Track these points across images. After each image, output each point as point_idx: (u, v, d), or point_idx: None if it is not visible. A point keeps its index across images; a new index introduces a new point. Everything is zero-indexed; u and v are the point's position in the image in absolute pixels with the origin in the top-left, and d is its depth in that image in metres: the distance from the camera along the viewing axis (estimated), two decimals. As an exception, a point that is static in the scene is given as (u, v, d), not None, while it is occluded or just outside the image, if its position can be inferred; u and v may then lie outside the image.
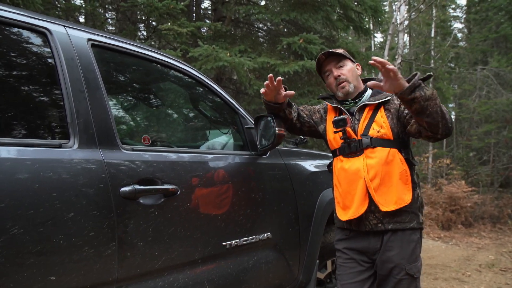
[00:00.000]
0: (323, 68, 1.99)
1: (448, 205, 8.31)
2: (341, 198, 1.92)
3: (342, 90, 1.93)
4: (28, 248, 1.26)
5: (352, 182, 1.85)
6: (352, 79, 1.94)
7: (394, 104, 1.90)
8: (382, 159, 1.81)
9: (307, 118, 2.11)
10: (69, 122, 1.47)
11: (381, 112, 1.89)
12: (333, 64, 1.95)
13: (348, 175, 1.87)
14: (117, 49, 1.81)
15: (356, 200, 1.83)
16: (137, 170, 1.60)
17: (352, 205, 1.85)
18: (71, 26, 1.66)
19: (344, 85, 1.92)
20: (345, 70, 1.93)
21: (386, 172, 1.80)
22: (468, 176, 10.83)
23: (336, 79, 1.93)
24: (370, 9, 6.29)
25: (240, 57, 4.90)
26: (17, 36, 1.51)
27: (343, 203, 1.90)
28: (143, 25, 7.56)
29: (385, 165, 1.80)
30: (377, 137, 1.84)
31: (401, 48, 10.05)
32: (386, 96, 1.90)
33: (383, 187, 1.80)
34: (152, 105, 2.41)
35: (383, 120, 1.86)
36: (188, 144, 2.44)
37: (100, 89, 1.60)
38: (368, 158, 1.83)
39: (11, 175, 1.25)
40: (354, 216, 1.83)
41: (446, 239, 7.18)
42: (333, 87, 1.97)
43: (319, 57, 1.98)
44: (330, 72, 1.96)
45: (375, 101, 1.90)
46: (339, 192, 1.93)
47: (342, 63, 1.94)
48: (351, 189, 1.86)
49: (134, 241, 1.54)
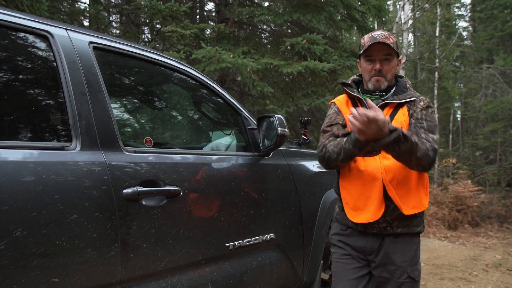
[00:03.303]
0: (368, 50, 1.77)
1: (455, 205, 8.25)
2: (351, 199, 1.79)
3: (375, 84, 1.80)
4: (31, 250, 1.26)
5: (367, 184, 1.73)
6: (390, 78, 1.82)
7: (416, 106, 1.80)
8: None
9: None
10: (71, 125, 1.48)
11: (403, 110, 1.78)
12: (381, 52, 1.77)
13: (363, 176, 1.74)
14: (119, 51, 1.82)
15: (371, 203, 1.72)
16: (139, 172, 1.60)
17: (367, 208, 1.73)
18: (72, 29, 1.67)
19: (380, 81, 1.79)
20: (389, 67, 1.79)
21: (404, 174, 1.70)
22: (475, 176, 10.75)
23: (376, 70, 1.78)
24: (374, 8, 6.27)
25: (243, 58, 4.91)
26: (19, 39, 1.52)
27: (354, 205, 1.78)
28: (147, 27, 7.59)
29: (403, 167, 1.69)
30: None
31: (405, 48, 10.01)
32: (411, 96, 1.80)
33: (402, 190, 1.71)
34: (155, 107, 2.42)
35: (404, 118, 1.76)
36: (190, 145, 2.44)
37: (102, 92, 1.61)
38: (385, 159, 1.71)
39: (14, 178, 1.26)
40: (371, 220, 1.72)
41: (453, 239, 7.13)
42: (367, 75, 1.82)
43: (370, 38, 1.78)
44: (373, 59, 1.78)
45: (399, 100, 1.79)
46: (350, 193, 1.80)
47: (390, 57, 1.78)
48: (365, 190, 1.74)
49: (137, 243, 1.55)
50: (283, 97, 6.19)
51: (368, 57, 1.79)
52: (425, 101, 1.82)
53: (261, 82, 5.28)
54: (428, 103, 1.82)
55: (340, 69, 5.91)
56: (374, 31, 1.82)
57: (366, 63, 1.81)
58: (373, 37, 1.76)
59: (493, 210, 8.73)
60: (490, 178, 11.06)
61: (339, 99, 1.94)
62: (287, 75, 6.35)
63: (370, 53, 1.77)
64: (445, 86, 13.04)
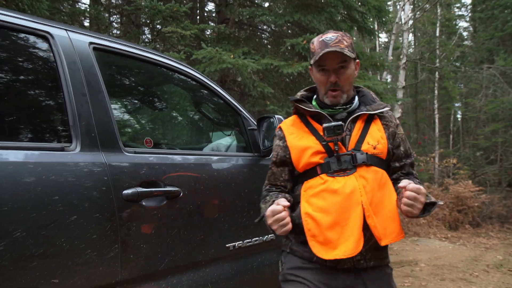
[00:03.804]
0: (321, 60, 1.49)
1: (455, 205, 8.25)
2: (321, 231, 1.43)
3: (332, 100, 1.54)
4: (31, 251, 1.26)
5: (345, 209, 1.42)
6: (348, 88, 1.56)
7: (391, 122, 1.60)
8: (376, 182, 1.46)
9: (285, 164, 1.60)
10: (71, 125, 1.48)
11: (378, 125, 1.56)
12: (335, 61, 1.49)
13: (339, 201, 1.42)
14: (119, 52, 1.82)
15: (351, 234, 1.41)
16: (139, 173, 1.60)
17: (343, 240, 1.41)
18: (72, 30, 1.67)
19: (337, 95, 1.53)
20: (345, 76, 1.51)
21: (380, 197, 1.46)
22: (475, 176, 10.75)
23: (331, 83, 1.51)
24: (374, 9, 6.27)
25: (243, 59, 4.91)
26: (20, 40, 1.52)
27: (325, 238, 1.42)
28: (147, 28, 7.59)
29: (379, 189, 1.46)
30: (372, 154, 1.49)
31: (405, 48, 10.01)
32: (384, 106, 1.58)
33: (380, 216, 1.44)
34: (155, 108, 2.42)
35: (381, 135, 1.53)
36: (191, 146, 2.44)
37: (102, 92, 1.61)
38: (361, 178, 1.45)
39: (14, 179, 1.26)
40: (349, 255, 1.40)
41: (453, 239, 7.13)
42: (322, 88, 1.55)
43: (320, 44, 1.50)
44: (326, 69, 1.51)
45: (373, 111, 1.55)
46: (319, 224, 1.43)
47: (345, 64, 1.50)
48: (342, 219, 1.42)
49: (137, 244, 1.55)
50: (284, 97, 6.19)
51: (321, 67, 1.51)
52: (394, 116, 1.64)
53: (262, 83, 5.28)
54: (395, 117, 1.65)
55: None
56: (324, 33, 1.54)
57: (319, 73, 1.53)
58: (323, 42, 1.49)
59: (494, 211, 8.73)
60: (491, 179, 11.04)
61: (287, 122, 1.64)
62: (288, 76, 6.35)
63: (323, 62, 1.50)
64: (445, 86, 13.05)
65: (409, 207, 1.34)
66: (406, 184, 1.34)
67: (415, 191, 1.32)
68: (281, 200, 1.43)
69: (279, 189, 1.61)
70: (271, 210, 1.39)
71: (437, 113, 14.09)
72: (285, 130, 1.60)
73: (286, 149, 1.57)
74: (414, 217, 1.40)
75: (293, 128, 1.60)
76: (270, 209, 1.40)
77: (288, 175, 1.60)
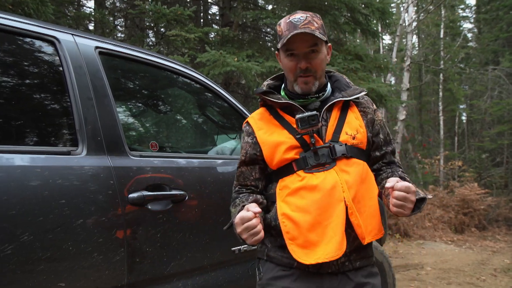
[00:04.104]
0: (289, 43, 1.32)
1: (461, 208, 8.20)
2: (300, 232, 1.29)
3: (303, 87, 1.37)
4: (38, 255, 1.27)
5: (326, 208, 1.28)
6: (321, 74, 1.39)
7: (369, 108, 1.46)
8: (358, 175, 1.34)
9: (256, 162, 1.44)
10: (78, 129, 1.49)
11: (355, 113, 1.42)
12: (305, 44, 1.32)
13: (319, 198, 1.29)
14: (124, 56, 1.83)
15: (333, 234, 1.27)
16: (145, 176, 1.60)
17: (325, 241, 1.27)
18: (79, 34, 1.68)
19: (309, 81, 1.36)
20: (317, 61, 1.35)
21: (363, 192, 1.34)
22: (481, 178, 10.69)
23: (301, 68, 1.34)
24: (377, 11, 6.26)
25: (247, 61, 4.91)
26: (26, 45, 1.54)
27: (305, 240, 1.29)
28: (152, 31, 7.62)
29: (361, 183, 1.34)
30: (351, 145, 1.35)
31: (409, 50, 9.98)
32: (360, 91, 1.44)
33: (363, 213, 1.32)
34: (160, 111, 2.43)
35: (359, 123, 1.40)
36: (196, 149, 2.44)
37: (108, 96, 1.62)
38: (343, 173, 1.32)
39: (21, 182, 1.26)
40: (333, 258, 1.27)
41: (460, 243, 7.08)
42: (291, 74, 1.38)
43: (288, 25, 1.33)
44: (296, 54, 1.34)
45: (349, 97, 1.40)
46: (298, 225, 1.30)
47: (316, 48, 1.33)
48: (323, 218, 1.28)
49: (143, 247, 1.55)
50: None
51: (289, 51, 1.34)
52: (370, 101, 1.51)
53: (266, 86, 5.27)
54: (372, 102, 1.51)
55: (345, 72, 5.90)
56: (292, 14, 1.37)
57: (287, 58, 1.36)
58: (291, 23, 1.32)
59: (500, 213, 8.66)
60: (497, 181, 10.97)
61: (255, 116, 1.48)
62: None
63: (291, 46, 1.33)
64: (450, 88, 12.99)
65: (400, 208, 1.22)
66: (393, 183, 1.21)
67: (404, 190, 1.20)
68: (251, 206, 1.26)
69: (250, 189, 1.45)
70: (240, 217, 1.23)
71: (441, 115, 14.04)
72: (254, 125, 1.44)
73: (256, 146, 1.41)
74: (405, 216, 1.28)
75: (262, 123, 1.44)
76: (238, 216, 1.24)
77: (259, 173, 1.44)
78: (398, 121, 9.88)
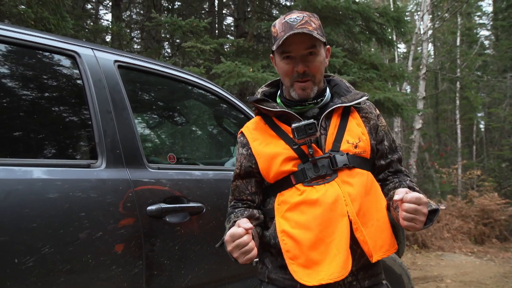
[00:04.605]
0: (284, 45, 1.23)
1: (481, 218, 8.02)
2: (301, 251, 1.19)
3: (301, 93, 1.28)
4: (59, 267, 1.28)
5: (329, 223, 1.18)
6: (319, 79, 1.30)
7: (371, 113, 1.37)
8: (362, 186, 1.24)
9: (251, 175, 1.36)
10: (97, 142, 1.51)
11: (356, 119, 1.32)
12: (302, 46, 1.23)
13: (320, 213, 1.19)
14: (142, 69, 1.85)
15: (337, 252, 1.17)
16: (163, 189, 1.61)
17: (329, 260, 1.17)
18: (98, 48, 1.71)
19: (307, 87, 1.27)
20: (316, 64, 1.26)
21: (368, 205, 1.23)
22: (501, 188, 10.45)
23: (298, 72, 1.25)
24: (392, 20, 6.24)
25: (262, 72, 4.93)
26: (48, 59, 1.57)
27: (307, 258, 1.19)
28: (167, 43, 7.73)
29: (366, 195, 1.24)
30: (354, 154, 1.26)
31: (425, 58, 9.90)
32: (361, 95, 1.34)
33: (369, 227, 1.22)
34: (177, 123, 2.45)
35: (361, 130, 1.30)
36: (212, 160, 2.45)
37: (126, 109, 1.64)
38: (345, 184, 1.22)
39: (42, 195, 1.28)
40: (338, 278, 1.16)
41: (480, 254, 6.91)
42: (287, 79, 1.29)
43: (283, 26, 1.25)
44: (292, 57, 1.25)
45: (348, 102, 1.30)
46: (299, 243, 1.20)
47: (315, 50, 1.25)
48: (325, 234, 1.18)
49: (160, 260, 1.55)
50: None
51: (285, 53, 1.25)
52: (373, 106, 1.41)
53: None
54: (375, 107, 1.41)
55: (360, 82, 5.87)
56: (288, 14, 1.28)
57: (283, 61, 1.27)
58: (287, 24, 1.24)
59: (522, 224, 8.43)
60: (518, 191, 10.71)
61: (250, 126, 1.40)
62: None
63: (287, 48, 1.24)
64: (467, 96, 12.81)
65: (411, 222, 1.12)
66: (402, 195, 1.12)
67: (415, 202, 1.10)
68: (242, 221, 1.15)
69: (246, 204, 1.36)
70: (230, 234, 1.13)
71: (459, 123, 13.83)
72: (248, 136, 1.36)
73: (252, 158, 1.32)
74: (417, 230, 1.16)
75: (257, 133, 1.35)
76: (229, 233, 1.14)
77: (255, 187, 1.35)
78: (414, 130, 9.77)
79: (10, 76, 1.46)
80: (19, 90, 1.49)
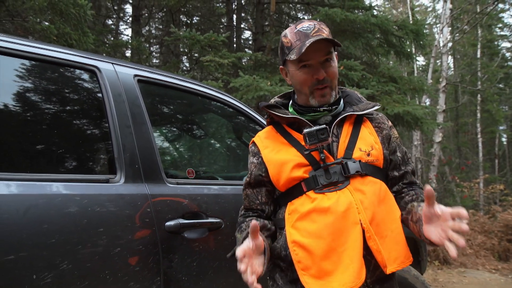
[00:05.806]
0: (302, 54, 1.20)
1: (505, 234, 7.76)
2: (312, 260, 1.16)
3: (321, 100, 1.27)
4: (76, 283, 1.26)
5: (341, 231, 1.15)
6: (335, 84, 1.30)
7: (384, 123, 1.35)
8: (375, 195, 1.20)
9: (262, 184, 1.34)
10: (116, 157, 1.50)
11: (369, 128, 1.31)
12: (320, 53, 1.23)
13: (332, 220, 1.16)
14: (161, 83, 1.86)
15: (350, 261, 1.14)
16: (181, 204, 1.59)
17: (342, 270, 1.14)
18: (118, 63, 1.72)
19: (327, 94, 1.27)
20: (333, 69, 1.26)
21: (382, 215, 1.20)
22: (526, 203, 10.13)
23: (319, 79, 1.24)
24: (411, 33, 6.19)
25: (280, 86, 4.93)
26: (69, 74, 1.58)
27: (319, 268, 1.15)
28: (186, 57, 7.82)
29: (379, 204, 1.20)
30: (366, 162, 1.23)
31: (445, 71, 9.76)
32: (373, 105, 1.34)
33: (383, 237, 1.18)
34: (196, 137, 2.44)
35: (373, 138, 1.28)
36: (231, 174, 2.43)
37: (145, 124, 1.63)
38: (357, 192, 1.19)
39: (61, 211, 1.27)
40: None
41: (505, 272, 6.67)
42: (305, 87, 1.27)
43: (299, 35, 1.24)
44: (309, 65, 1.24)
45: (361, 111, 1.30)
46: (311, 252, 1.16)
47: (331, 56, 1.25)
48: (338, 243, 1.15)
49: (178, 276, 1.52)
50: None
51: (303, 62, 1.24)
52: (385, 117, 1.40)
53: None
54: (387, 119, 1.40)
55: (379, 95, 5.81)
56: (298, 23, 1.28)
57: (301, 71, 1.25)
58: (302, 33, 1.23)
59: (548, 241, 8.13)
60: (543, 206, 10.37)
61: (261, 135, 1.38)
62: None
63: (305, 57, 1.21)
64: (489, 109, 12.57)
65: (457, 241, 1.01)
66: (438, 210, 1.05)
67: (455, 216, 1.02)
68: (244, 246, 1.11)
69: (257, 213, 1.34)
70: (242, 250, 1.10)
71: (480, 136, 13.55)
72: (259, 144, 1.34)
73: (262, 166, 1.31)
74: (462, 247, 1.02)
75: (268, 141, 1.33)
76: (240, 248, 1.11)
77: (265, 197, 1.33)
78: (434, 143, 9.60)
79: (31, 90, 1.47)
80: (41, 105, 1.51)
